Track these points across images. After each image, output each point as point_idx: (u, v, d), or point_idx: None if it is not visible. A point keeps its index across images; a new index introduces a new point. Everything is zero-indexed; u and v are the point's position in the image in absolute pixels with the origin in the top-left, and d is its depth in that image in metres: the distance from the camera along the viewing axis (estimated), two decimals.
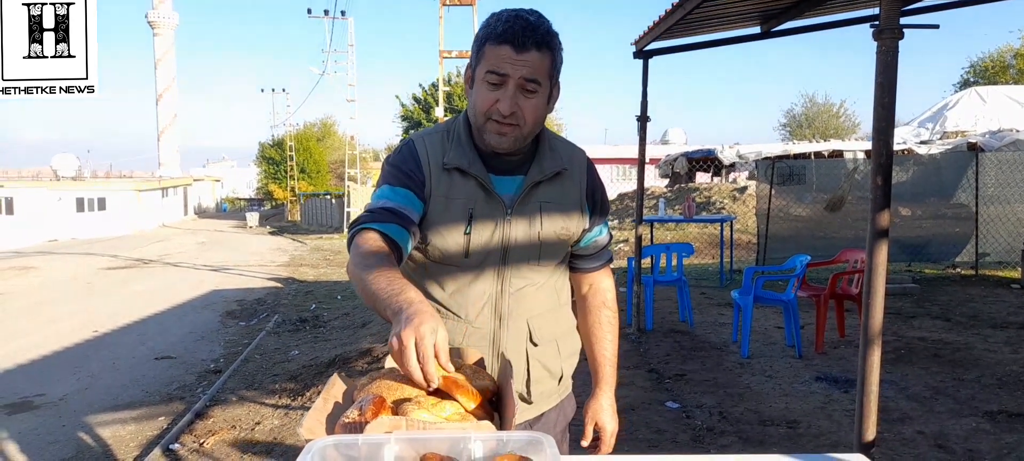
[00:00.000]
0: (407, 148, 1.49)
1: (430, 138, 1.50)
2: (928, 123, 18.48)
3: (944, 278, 9.48)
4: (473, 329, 1.49)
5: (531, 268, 1.52)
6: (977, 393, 4.55)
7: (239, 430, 4.82)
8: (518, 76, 1.34)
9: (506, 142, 1.40)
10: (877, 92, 2.19)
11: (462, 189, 1.45)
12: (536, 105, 1.40)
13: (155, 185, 42.80)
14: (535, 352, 1.54)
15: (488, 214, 1.45)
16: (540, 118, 1.43)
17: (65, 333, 8.62)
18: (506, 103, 1.35)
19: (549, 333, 1.57)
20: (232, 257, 19.46)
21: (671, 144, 34.73)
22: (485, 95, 1.38)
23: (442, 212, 1.44)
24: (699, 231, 13.77)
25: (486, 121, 1.39)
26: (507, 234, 1.47)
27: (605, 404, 1.70)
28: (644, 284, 6.59)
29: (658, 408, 4.49)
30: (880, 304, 2.16)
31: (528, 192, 1.47)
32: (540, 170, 1.48)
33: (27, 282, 14.55)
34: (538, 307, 1.55)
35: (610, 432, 1.70)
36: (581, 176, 1.56)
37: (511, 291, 1.50)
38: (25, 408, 5.63)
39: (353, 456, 0.86)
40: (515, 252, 1.49)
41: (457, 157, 1.45)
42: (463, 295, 1.48)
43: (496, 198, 1.46)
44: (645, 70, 6.16)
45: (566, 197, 1.53)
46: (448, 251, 1.46)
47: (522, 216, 1.47)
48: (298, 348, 7.47)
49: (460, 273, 1.49)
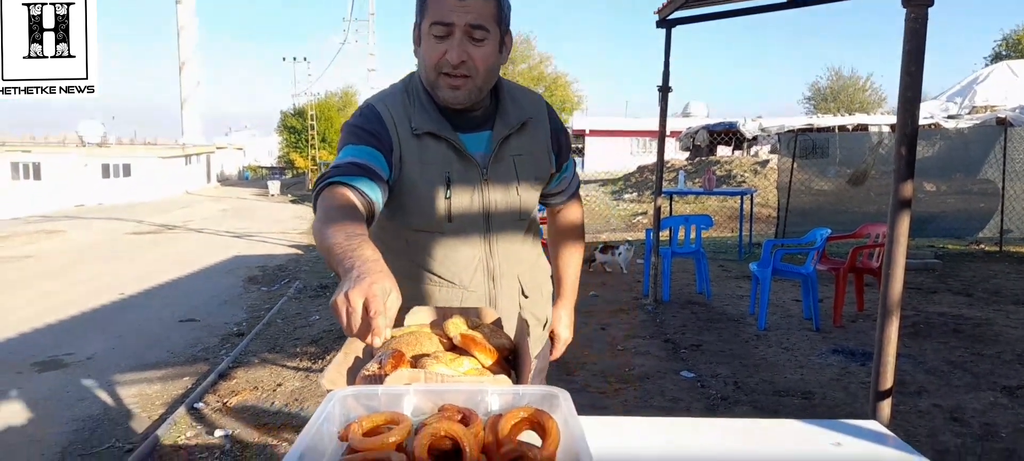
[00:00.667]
0: (370, 110, 1.45)
1: (391, 101, 1.47)
2: (957, 97, 18.11)
3: (967, 254, 9.37)
4: (468, 293, 1.50)
5: (513, 222, 1.53)
6: (996, 368, 4.52)
7: (261, 391, 4.92)
8: (463, 23, 1.33)
9: (461, 96, 1.38)
10: (904, 61, 2.16)
11: (436, 154, 1.43)
12: (486, 53, 1.37)
13: (179, 152, 43.22)
14: (526, 304, 1.58)
15: (465, 176, 1.45)
16: (492, 67, 1.41)
17: (92, 295, 8.80)
18: (454, 52, 1.33)
19: (535, 283, 1.61)
20: (254, 224, 19.67)
21: (692, 117, 34.38)
22: (433, 48, 1.36)
23: (419, 179, 1.42)
24: (719, 204, 13.68)
25: (437, 76, 1.37)
26: (487, 194, 1.47)
27: (563, 316, 1.77)
28: (662, 256, 6.58)
29: (673, 377, 4.52)
30: (900, 275, 2.15)
31: (499, 148, 1.47)
32: (506, 123, 1.48)
33: (55, 245, 14.83)
34: (524, 261, 1.58)
35: (563, 340, 1.77)
36: (544, 122, 1.57)
37: (499, 250, 1.51)
38: (54, 366, 5.77)
39: (373, 406, 0.89)
40: (497, 210, 1.49)
41: (425, 121, 1.42)
42: (453, 261, 1.49)
43: (470, 159, 1.45)
44: (668, 39, 6.09)
45: (536, 146, 1.53)
46: (430, 218, 1.45)
47: (498, 173, 1.48)
48: (318, 313, 7.57)
49: (445, 239, 1.48)
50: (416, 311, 1.29)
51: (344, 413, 0.88)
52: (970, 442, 3.40)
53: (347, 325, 0.91)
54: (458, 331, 1.12)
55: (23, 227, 19.12)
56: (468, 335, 1.09)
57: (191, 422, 4.39)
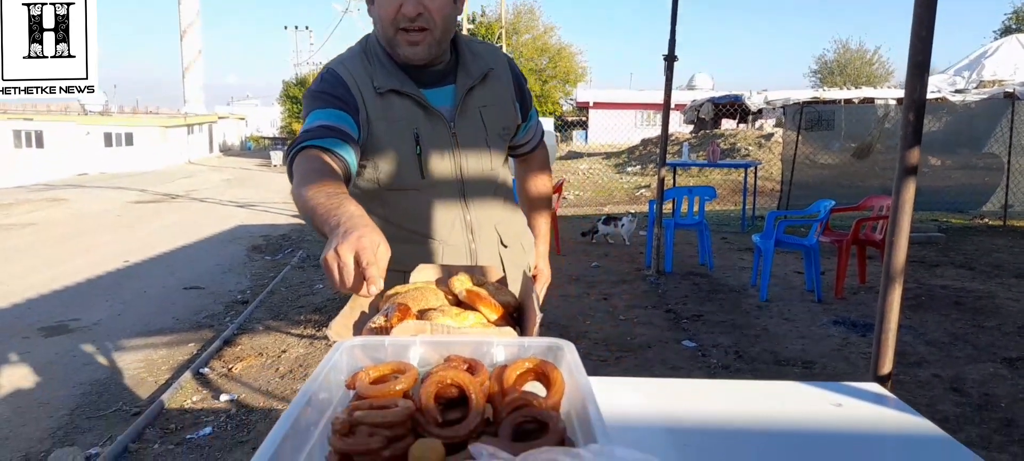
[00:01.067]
0: (331, 74, 1.44)
1: (351, 62, 1.46)
2: (965, 71, 17.92)
3: (971, 228, 9.35)
4: (449, 247, 1.51)
5: (485, 174, 1.54)
6: (996, 340, 4.54)
7: (266, 357, 4.96)
8: None
9: (421, 51, 1.38)
10: (915, 24, 2.14)
11: (401, 110, 1.43)
12: (441, 4, 1.36)
13: (181, 122, 43.12)
14: (506, 253, 1.60)
15: (433, 131, 1.45)
16: (449, 18, 1.40)
17: (97, 263, 8.84)
18: (410, 5, 1.33)
19: (513, 233, 1.63)
20: (257, 194, 19.67)
21: (697, 90, 34.14)
22: (387, 3, 1.34)
23: (387, 137, 1.42)
24: (723, 177, 13.64)
25: (395, 32, 1.36)
26: (456, 146, 1.47)
27: (543, 253, 1.81)
28: (665, 227, 6.58)
29: (674, 346, 4.54)
30: (904, 243, 2.15)
31: (464, 99, 1.47)
32: (468, 75, 1.48)
33: (59, 213, 14.87)
34: (499, 211, 1.59)
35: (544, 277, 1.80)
36: (507, 74, 1.57)
37: (474, 202, 1.53)
38: (61, 332, 5.82)
39: (379, 357, 0.90)
40: (468, 162, 1.49)
41: (387, 79, 1.42)
42: (431, 216, 1.50)
43: (436, 113, 1.44)
44: (675, 6, 6.03)
45: (500, 96, 1.54)
46: (403, 176, 1.44)
47: (466, 126, 1.48)
48: (322, 282, 7.59)
49: (420, 195, 1.48)
50: (421, 269, 1.29)
51: (351, 363, 0.89)
52: (969, 411, 3.43)
53: (339, 280, 0.90)
54: (463, 287, 1.13)
55: (26, 195, 19.15)
56: (473, 291, 1.10)
57: (197, 387, 4.44)
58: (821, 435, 1.28)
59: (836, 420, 1.33)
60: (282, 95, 52.10)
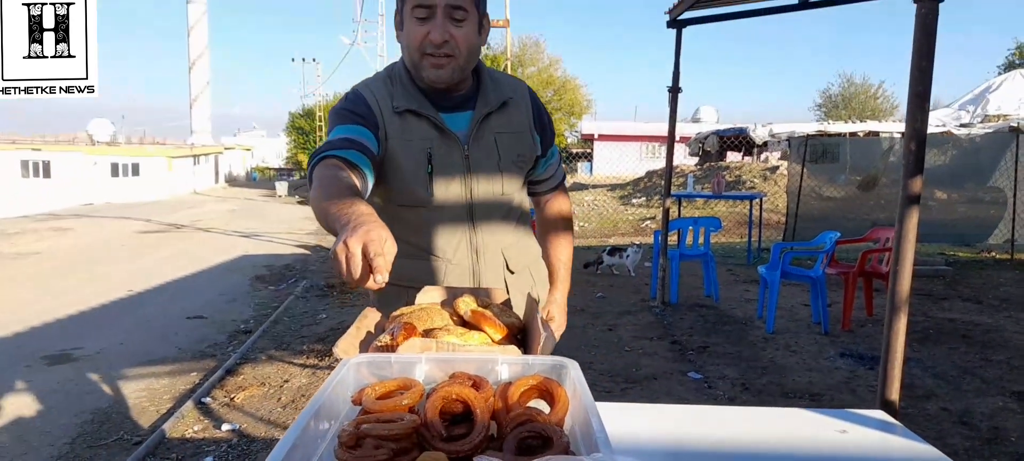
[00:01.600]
0: (355, 94, 1.51)
1: (375, 84, 1.53)
2: (969, 105, 17.99)
3: (978, 261, 9.32)
4: (453, 266, 1.53)
5: (496, 199, 1.56)
6: (1005, 374, 4.50)
7: (268, 387, 4.94)
8: (444, 4, 1.38)
9: (445, 74, 1.43)
10: (915, 56, 2.16)
11: (417, 130, 1.47)
12: (467, 33, 1.42)
13: (187, 152, 43.44)
14: (512, 280, 1.60)
15: (446, 152, 1.49)
16: (473, 47, 1.46)
17: (101, 292, 8.85)
18: (437, 32, 1.39)
19: (522, 261, 1.63)
20: (262, 224, 19.74)
21: (703, 122, 34.33)
22: (415, 30, 1.41)
23: (402, 155, 1.47)
24: (728, 210, 13.66)
25: (421, 57, 1.42)
26: (468, 168, 1.50)
27: (558, 299, 1.79)
28: (670, 258, 6.57)
29: (680, 378, 4.51)
30: (908, 271, 2.15)
31: (480, 125, 1.51)
32: (486, 102, 1.52)
33: (64, 243, 14.92)
34: (509, 237, 1.60)
35: (557, 326, 1.79)
36: (526, 105, 1.60)
37: (482, 225, 1.55)
38: (63, 360, 5.81)
39: (385, 374, 0.90)
40: (479, 184, 1.52)
41: (406, 100, 1.47)
42: (437, 235, 1.53)
43: (451, 135, 1.49)
44: (678, 40, 6.10)
45: (516, 125, 1.57)
46: (414, 193, 1.49)
47: (479, 149, 1.51)
48: (325, 312, 7.59)
49: (429, 213, 1.52)
50: (427, 291, 1.30)
51: (357, 379, 0.89)
52: (978, 445, 3.39)
53: (347, 271, 0.92)
54: (468, 308, 1.13)
55: (32, 224, 19.24)
56: (478, 311, 1.10)
57: (198, 416, 4.41)
58: None
59: (841, 447, 1.32)
60: (288, 126, 52.55)
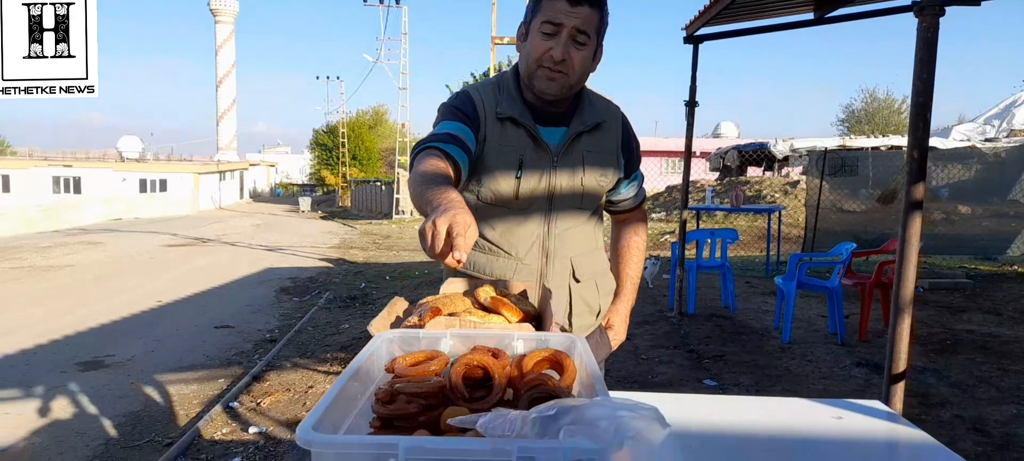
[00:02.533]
0: (465, 94, 1.65)
1: (484, 89, 1.66)
2: (995, 120, 17.83)
3: (1000, 275, 9.24)
4: (522, 266, 1.65)
5: (574, 211, 1.68)
6: (1021, 383, 4.50)
7: (293, 393, 5.08)
8: (571, 26, 1.50)
9: (554, 88, 1.55)
10: (917, 67, 2.25)
11: (513, 137, 1.60)
12: (584, 57, 1.54)
13: (213, 169, 44.20)
14: (577, 288, 1.70)
15: (536, 161, 1.61)
16: (585, 71, 1.58)
17: (131, 302, 9.09)
18: (559, 50, 1.50)
19: (589, 271, 1.73)
20: (286, 239, 20.05)
21: (723, 137, 34.22)
22: (539, 43, 1.53)
23: (495, 157, 1.60)
24: (747, 224, 13.65)
25: (537, 68, 1.54)
26: (553, 179, 1.62)
27: (621, 310, 1.87)
28: (687, 269, 6.64)
29: (695, 385, 4.58)
30: (912, 275, 2.23)
31: (572, 142, 1.63)
32: (582, 122, 1.64)
33: (95, 256, 15.29)
34: (580, 247, 1.70)
35: (616, 336, 1.89)
36: (617, 129, 1.72)
37: (557, 232, 1.66)
38: (96, 367, 6.00)
39: (413, 348, 1.02)
40: (560, 196, 1.64)
41: (508, 108, 1.60)
42: (513, 234, 1.64)
43: (544, 146, 1.61)
44: (695, 55, 6.20)
45: (605, 147, 1.68)
46: (500, 193, 1.61)
47: (566, 163, 1.63)
48: (348, 322, 7.74)
49: (510, 215, 1.64)
50: (451, 282, 1.42)
51: (389, 352, 1.01)
52: (990, 450, 3.42)
53: (431, 245, 1.01)
54: (488, 295, 1.25)
55: (63, 239, 19.72)
56: (497, 297, 1.22)
57: (227, 419, 4.56)
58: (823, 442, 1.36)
59: (836, 431, 1.41)
60: (312, 143, 53.19)
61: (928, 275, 8.53)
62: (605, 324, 1.85)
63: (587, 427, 0.61)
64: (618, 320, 1.86)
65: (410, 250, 16.64)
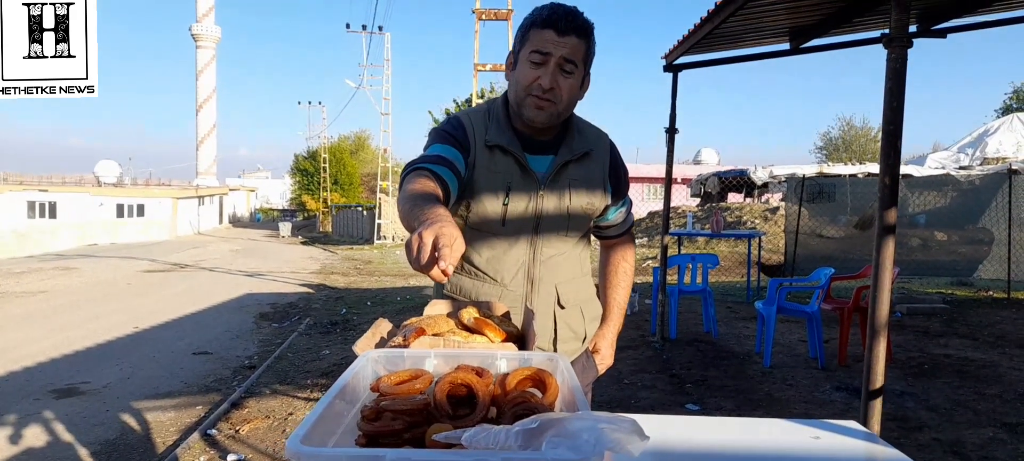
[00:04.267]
0: (456, 119, 1.68)
1: (474, 115, 1.69)
2: (968, 148, 18.22)
3: (975, 300, 9.40)
4: (507, 292, 1.67)
5: (560, 238, 1.70)
6: (998, 407, 4.57)
7: (273, 420, 5.02)
8: (558, 56, 1.54)
9: (543, 116, 1.59)
10: (887, 98, 2.32)
11: (502, 164, 1.63)
12: (571, 85, 1.58)
13: (192, 194, 43.85)
14: (562, 314, 1.72)
15: (523, 188, 1.64)
16: (573, 99, 1.62)
17: (107, 328, 8.95)
18: (547, 78, 1.54)
19: (574, 298, 1.75)
20: (265, 264, 19.89)
21: (703, 164, 34.62)
22: (528, 72, 1.57)
23: (484, 183, 1.63)
24: (728, 250, 13.78)
25: (527, 96, 1.58)
26: (540, 206, 1.65)
27: (607, 335, 1.89)
28: (669, 293, 6.68)
29: (678, 409, 4.59)
30: (886, 298, 2.27)
31: (559, 170, 1.66)
32: (569, 150, 1.67)
33: (70, 282, 15.06)
34: (565, 274, 1.73)
35: (603, 361, 1.90)
36: (605, 157, 1.75)
37: (542, 259, 1.68)
38: (71, 394, 5.90)
39: (398, 367, 1.03)
40: (546, 223, 1.67)
41: (497, 135, 1.64)
42: (499, 261, 1.67)
43: (531, 173, 1.64)
44: (674, 83, 6.30)
45: (592, 176, 1.71)
46: (487, 218, 1.64)
47: (553, 191, 1.66)
48: (329, 348, 7.68)
49: (497, 240, 1.67)
50: (434, 304, 1.43)
51: (374, 371, 1.02)
52: None
53: (417, 257, 1.01)
54: (471, 316, 1.26)
55: (38, 264, 19.41)
56: (480, 318, 1.23)
57: (205, 447, 4.49)
58: None
59: (814, 450, 1.43)
60: (293, 168, 52.99)
61: (906, 300, 8.66)
62: (592, 348, 1.87)
63: (568, 439, 0.63)
64: (605, 345, 1.88)
65: (392, 275, 16.58)
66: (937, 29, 4.84)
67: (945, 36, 2.72)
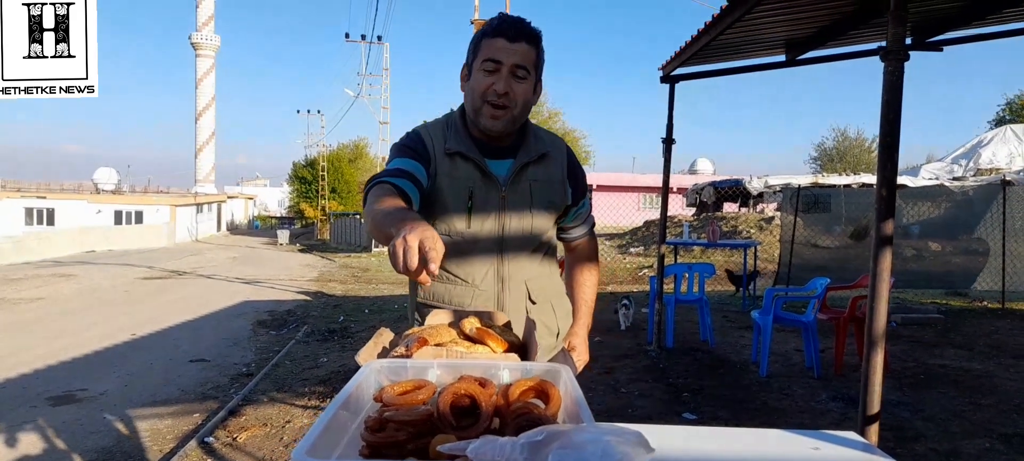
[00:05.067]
0: (415, 134, 1.74)
1: (433, 127, 1.75)
2: (962, 159, 18.31)
3: (970, 310, 9.43)
4: (479, 292, 1.71)
5: (525, 237, 1.75)
6: (993, 417, 4.59)
7: (270, 427, 5.01)
8: (510, 63, 1.61)
9: (499, 124, 1.65)
10: (883, 110, 2.34)
11: (462, 170, 1.68)
12: (525, 90, 1.65)
13: (190, 201, 43.80)
14: (533, 310, 1.76)
15: (486, 192, 1.69)
16: (528, 103, 1.68)
17: (104, 335, 8.93)
18: (501, 84, 1.61)
19: (544, 294, 1.80)
20: (263, 271, 19.86)
21: (699, 174, 34.70)
22: (482, 80, 1.63)
23: (447, 190, 1.68)
24: (725, 259, 13.80)
25: (482, 104, 1.64)
26: (503, 208, 1.70)
27: (580, 332, 1.96)
28: (665, 303, 6.70)
29: (674, 419, 4.60)
30: (884, 308, 2.29)
31: (519, 172, 1.72)
32: (527, 153, 1.73)
33: (68, 289, 15.02)
34: (533, 271, 1.78)
35: (579, 360, 1.95)
36: (562, 159, 1.82)
37: (510, 258, 1.73)
38: (68, 401, 5.88)
39: (401, 378, 1.04)
40: (511, 224, 1.72)
41: (457, 143, 1.69)
42: (469, 263, 1.71)
43: (492, 178, 1.69)
44: (671, 94, 6.33)
45: (551, 176, 1.77)
46: (453, 224, 1.69)
47: (515, 194, 1.71)
48: (326, 356, 7.67)
49: (464, 244, 1.71)
50: (436, 313, 1.45)
51: (377, 382, 1.03)
52: None
53: (403, 261, 1.02)
54: (473, 326, 1.28)
55: (35, 271, 19.35)
56: (482, 328, 1.25)
57: (202, 455, 4.48)
58: None
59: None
60: (291, 176, 52.93)
61: (901, 310, 8.69)
62: (567, 346, 1.92)
63: (575, 451, 0.64)
64: (578, 342, 1.94)
65: (389, 283, 16.57)
66: (932, 41, 4.88)
67: (941, 49, 2.75)
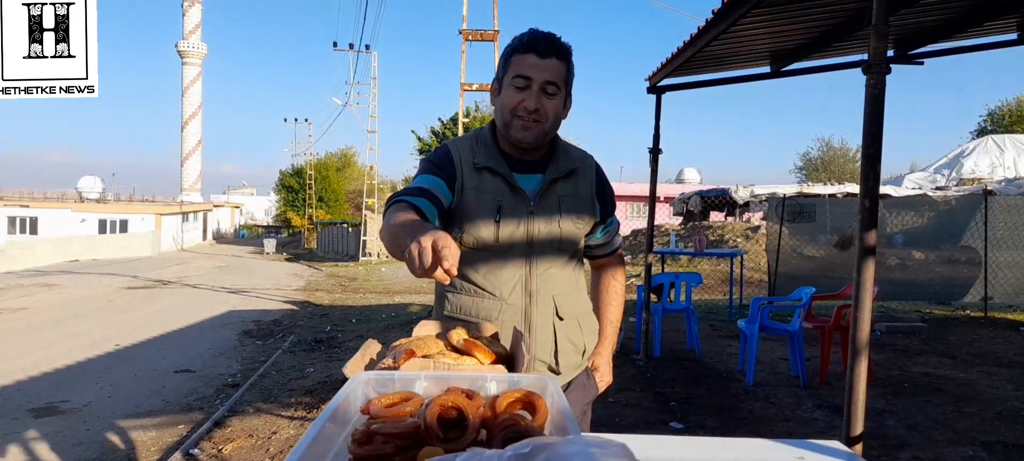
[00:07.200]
0: (443, 149, 1.74)
1: (462, 142, 1.76)
2: (945, 169, 18.53)
3: (953, 319, 9.52)
4: (507, 306, 1.70)
5: (553, 253, 1.75)
6: (976, 425, 4.64)
7: (256, 439, 4.98)
8: (541, 79, 1.61)
9: (530, 136, 1.65)
10: (866, 122, 2.37)
11: (491, 185, 1.69)
12: (555, 106, 1.66)
13: (176, 209, 43.50)
14: (561, 326, 1.76)
15: (514, 206, 1.69)
16: (558, 118, 1.69)
17: (88, 346, 8.84)
18: (532, 100, 1.62)
19: (572, 310, 1.79)
20: (249, 281, 19.73)
21: (686, 183, 34.89)
22: (513, 96, 1.64)
23: (474, 204, 1.68)
24: (711, 269, 13.87)
25: (513, 119, 1.65)
26: (531, 224, 1.70)
27: (604, 353, 1.95)
28: (653, 312, 6.72)
29: (661, 428, 4.62)
30: (867, 318, 2.32)
31: (547, 187, 1.72)
32: (556, 169, 1.73)
33: (50, 298, 14.86)
34: (561, 287, 1.77)
35: (603, 381, 1.95)
36: (591, 175, 1.82)
37: (538, 272, 1.72)
38: (51, 412, 5.82)
39: (388, 390, 1.04)
40: (539, 239, 1.72)
41: (486, 158, 1.70)
42: (497, 276, 1.71)
43: (520, 192, 1.69)
44: (658, 105, 6.38)
45: (579, 193, 1.77)
46: (481, 238, 1.68)
47: (543, 208, 1.71)
48: (313, 366, 7.64)
49: (492, 257, 1.71)
50: (423, 324, 1.45)
51: (364, 394, 1.04)
52: None
53: (419, 262, 1.05)
54: (461, 337, 1.28)
55: (17, 281, 19.13)
56: (469, 340, 1.25)
57: None
58: None
59: None
60: (278, 185, 52.66)
61: (885, 319, 8.76)
62: (591, 366, 1.90)
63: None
64: (603, 362, 1.93)
65: (377, 293, 16.52)
66: (914, 54, 4.96)
67: (922, 63, 2.80)
